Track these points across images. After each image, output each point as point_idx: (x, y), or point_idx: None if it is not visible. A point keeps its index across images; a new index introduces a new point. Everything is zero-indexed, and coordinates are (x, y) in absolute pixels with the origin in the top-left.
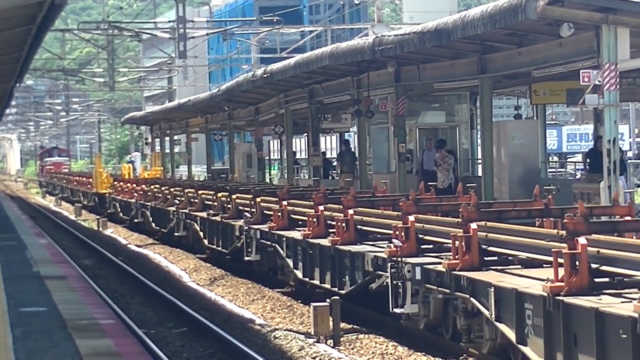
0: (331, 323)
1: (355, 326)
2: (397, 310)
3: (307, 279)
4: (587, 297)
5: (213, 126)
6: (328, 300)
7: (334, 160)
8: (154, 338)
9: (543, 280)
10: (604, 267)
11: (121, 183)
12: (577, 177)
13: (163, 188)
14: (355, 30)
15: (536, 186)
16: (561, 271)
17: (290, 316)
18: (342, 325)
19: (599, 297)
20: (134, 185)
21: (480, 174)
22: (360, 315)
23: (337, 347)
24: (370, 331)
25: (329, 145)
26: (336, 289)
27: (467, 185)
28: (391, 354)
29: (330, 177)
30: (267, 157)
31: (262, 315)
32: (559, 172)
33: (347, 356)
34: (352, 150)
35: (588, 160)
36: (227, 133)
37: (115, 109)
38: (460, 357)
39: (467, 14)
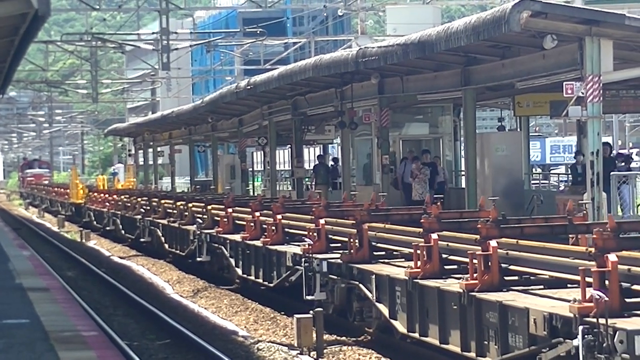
0: (314, 335)
1: (338, 337)
2: (308, 298)
3: (245, 275)
4: (437, 280)
5: (196, 138)
6: (311, 312)
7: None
8: (137, 350)
9: None
10: (452, 257)
11: (95, 193)
12: (561, 188)
13: (131, 198)
14: (338, 42)
15: (427, 195)
16: (420, 260)
17: (273, 328)
18: (326, 336)
19: (445, 280)
20: (107, 195)
21: (464, 185)
22: (343, 327)
23: (320, 359)
24: (353, 343)
25: (313, 157)
26: (267, 283)
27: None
28: None
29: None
30: (251, 169)
31: (245, 326)
32: (542, 183)
33: None
34: (326, 163)
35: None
36: (211, 144)
37: (98, 120)
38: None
39: (451, 26)
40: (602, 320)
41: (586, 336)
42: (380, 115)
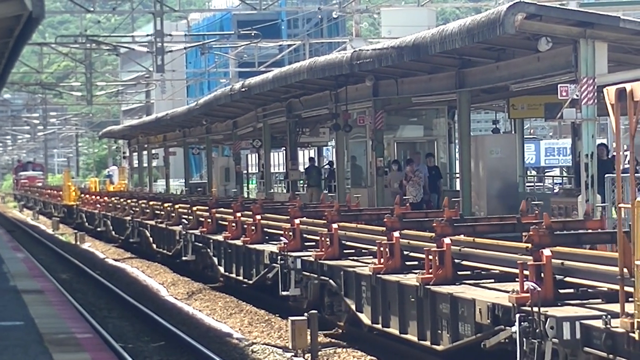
0: (309, 337)
1: (332, 340)
2: (284, 293)
3: (227, 273)
4: (398, 275)
5: (191, 140)
6: (305, 314)
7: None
8: (132, 352)
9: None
10: (412, 254)
11: (87, 196)
12: (555, 191)
13: (121, 200)
14: (333, 44)
15: (397, 197)
16: (384, 257)
17: (268, 330)
18: (320, 339)
19: (406, 275)
20: (98, 197)
21: (458, 188)
22: (338, 330)
23: None
24: (347, 345)
25: (308, 159)
26: (247, 280)
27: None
28: None
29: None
30: (245, 171)
31: (239, 329)
32: (537, 186)
33: None
34: (318, 165)
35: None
36: (205, 147)
37: (92, 122)
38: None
39: (445, 28)
40: (535, 309)
41: (522, 323)
42: (375, 117)
